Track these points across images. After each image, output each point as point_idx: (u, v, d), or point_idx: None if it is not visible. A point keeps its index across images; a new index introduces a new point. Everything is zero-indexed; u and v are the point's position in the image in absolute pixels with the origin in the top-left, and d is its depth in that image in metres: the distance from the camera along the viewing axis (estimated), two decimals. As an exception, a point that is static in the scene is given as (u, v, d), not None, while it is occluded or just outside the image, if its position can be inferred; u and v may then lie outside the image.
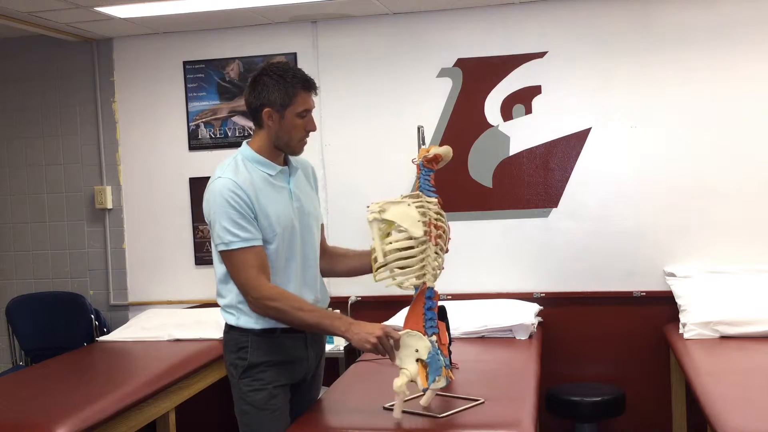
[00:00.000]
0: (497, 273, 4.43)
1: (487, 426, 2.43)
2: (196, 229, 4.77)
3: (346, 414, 2.69)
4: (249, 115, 2.59)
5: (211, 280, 2.65)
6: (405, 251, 2.41)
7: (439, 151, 2.50)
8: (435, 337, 2.43)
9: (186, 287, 4.76)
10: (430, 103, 4.47)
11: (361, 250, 2.78)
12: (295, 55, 4.61)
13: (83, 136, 4.92)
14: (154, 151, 4.84)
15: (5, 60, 5.01)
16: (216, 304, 2.69)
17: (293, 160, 2.65)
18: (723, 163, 4.18)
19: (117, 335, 4.38)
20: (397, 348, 2.41)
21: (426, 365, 2.39)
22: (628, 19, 4.26)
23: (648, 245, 4.27)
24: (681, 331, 3.82)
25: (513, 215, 4.42)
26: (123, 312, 4.88)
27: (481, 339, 3.84)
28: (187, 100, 4.77)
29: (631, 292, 4.30)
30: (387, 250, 2.40)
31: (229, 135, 4.71)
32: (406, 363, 2.40)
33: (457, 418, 2.48)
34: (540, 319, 4.18)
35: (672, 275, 4.18)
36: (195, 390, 3.76)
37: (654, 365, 4.27)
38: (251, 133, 2.68)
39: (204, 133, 4.76)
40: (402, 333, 2.42)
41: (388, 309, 4.07)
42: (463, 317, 3.89)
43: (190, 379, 3.70)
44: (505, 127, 4.42)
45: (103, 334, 4.60)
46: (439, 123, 4.47)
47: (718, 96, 4.17)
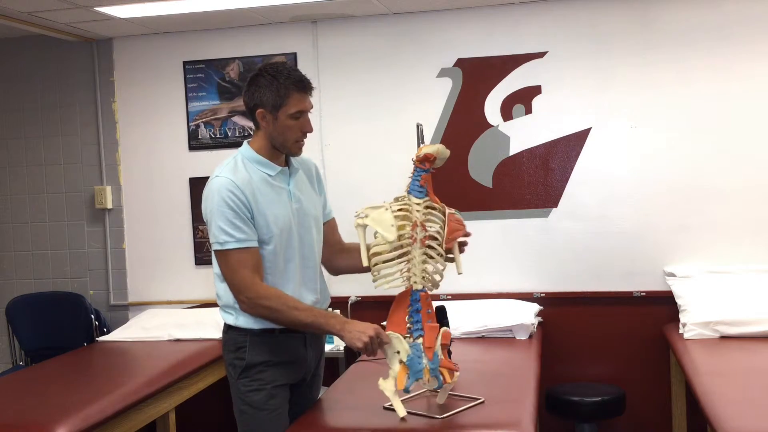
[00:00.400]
0: (497, 273, 4.43)
1: (487, 426, 2.43)
2: (196, 229, 4.77)
3: (346, 414, 2.69)
4: (248, 114, 2.58)
5: (211, 280, 2.65)
6: (385, 255, 2.46)
7: (430, 150, 2.47)
8: (420, 339, 2.43)
9: (186, 287, 4.76)
10: (430, 103, 4.47)
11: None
12: (295, 55, 4.61)
13: (83, 136, 4.92)
14: (154, 151, 4.84)
15: (5, 60, 5.01)
16: (216, 304, 2.69)
17: (294, 160, 2.63)
18: (723, 163, 4.18)
19: (117, 335, 4.38)
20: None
21: (407, 368, 2.41)
22: (628, 19, 4.26)
23: (648, 245, 4.27)
24: (681, 331, 3.82)
25: (513, 215, 4.43)
26: (123, 312, 4.87)
27: (481, 339, 3.84)
28: (187, 100, 4.77)
29: (631, 292, 4.30)
30: (370, 254, 2.45)
31: (229, 135, 4.71)
32: (391, 363, 2.44)
33: (457, 418, 2.48)
34: (540, 319, 4.18)
35: (672, 275, 4.17)
36: (195, 390, 3.77)
37: (654, 365, 4.27)
38: (251, 133, 2.67)
39: (204, 133, 4.76)
40: (383, 334, 2.45)
41: (387, 309, 4.06)
42: (463, 317, 3.90)
43: (190, 379, 3.70)
44: (505, 127, 4.42)
45: (103, 334, 4.60)
46: (439, 123, 4.47)
47: (718, 96, 4.17)
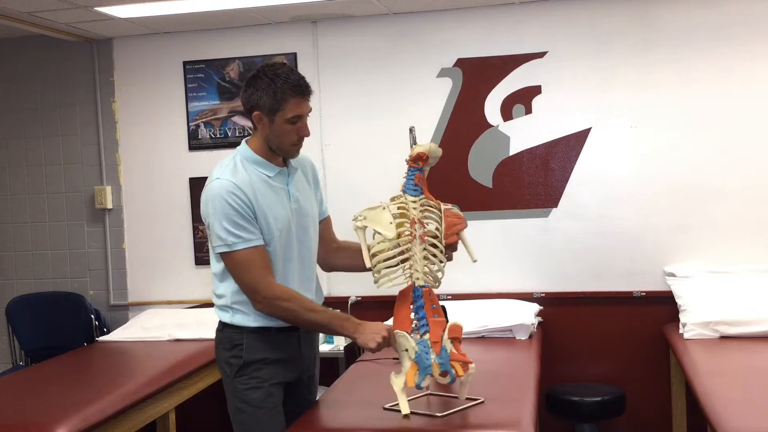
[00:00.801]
0: (497, 273, 4.43)
1: (487, 426, 2.43)
2: (196, 229, 4.77)
3: (346, 414, 2.69)
4: (245, 114, 2.56)
5: (211, 280, 2.64)
6: (386, 253, 2.48)
7: (422, 149, 2.50)
8: (427, 335, 2.44)
9: (186, 287, 4.76)
10: (430, 103, 4.47)
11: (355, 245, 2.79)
12: (295, 55, 4.61)
13: (83, 136, 4.92)
14: (154, 151, 4.84)
15: (5, 60, 5.01)
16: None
17: (292, 160, 2.62)
18: (723, 163, 4.18)
19: (117, 335, 4.38)
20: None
21: (416, 365, 2.42)
22: (628, 19, 4.26)
23: (648, 245, 4.27)
24: (681, 331, 3.82)
25: (513, 215, 4.42)
26: (123, 312, 4.87)
27: (481, 339, 3.84)
28: (187, 100, 4.77)
29: (631, 292, 4.30)
30: (371, 254, 2.47)
31: (229, 135, 4.71)
32: (403, 361, 2.45)
33: (457, 417, 2.48)
34: (540, 319, 4.18)
35: (672, 275, 4.17)
36: (195, 390, 3.76)
37: (654, 365, 4.26)
38: (251, 132, 2.67)
39: (204, 133, 4.76)
40: (391, 332, 2.47)
41: (388, 309, 4.03)
42: (463, 317, 3.87)
43: (190, 379, 3.70)
44: (505, 127, 4.42)
45: (103, 334, 4.60)
46: (439, 123, 4.47)
47: (718, 96, 4.17)
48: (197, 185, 4.63)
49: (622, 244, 4.29)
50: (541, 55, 4.36)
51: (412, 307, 2.49)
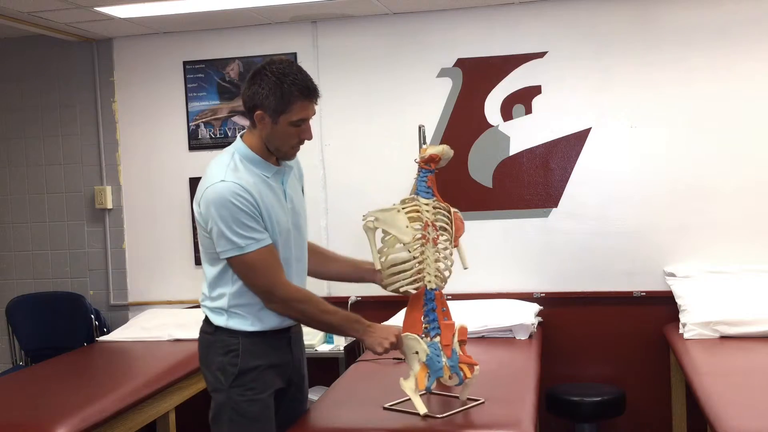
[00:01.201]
0: (497, 273, 4.43)
1: (487, 426, 2.43)
2: (196, 229, 4.76)
3: (346, 414, 2.68)
4: (245, 111, 2.45)
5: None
6: (399, 256, 2.47)
7: (435, 151, 2.51)
8: (438, 338, 2.45)
9: (186, 287, 4.75)
10: (430, 103, 4.47)
11: (351, 258, 2.77)
12: (295, 55, 4.60)
13: (83, 136, 4.92)
14: (154, 151, 4.84)
15: (5, 60, 5.01)
16: None
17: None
18: (723, 163, 4.18)
19: (117, 335, 4.38)
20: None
21: (427, 367, 2.42)
22: (628, 19, 4.26)
23: (648, 245, 4.27)
24: (681, 331, 3.82)
25: (513, 215, 4.42)
26: (123, 312, 4.87)
27: (481, 339, 3.83)
28: (187, 100, 4.77)
29: (631, 292, 4.30)
30: (384, 263, 2.46)
31: (229, 135, 4.71)
32: (411, 364, 2.45)
33: (457, 418, 2.48)
34: (540, 319, 4.18)
35: (672, 275, 4.17)
36: (195, 390, 3.76)
37: (654, 365, 4.26)
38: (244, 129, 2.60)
39: (204, 133, 4.76)
40: (402, 336, 2.46)
41: (388, 309, 4.07)
42: (463, 317, 3.88)
43: (190, 379, 3.70)
44: (505, 127, 4.42)
45: (103, 334, 4.60)
46: (439, 123, 4.47)
47: (718, 96, 4.17)
48: (197, 185, 4.62)
49: (622, 244, 4.29)
50: (541, 55, 4.36)
51: (423, 309, 2.48)
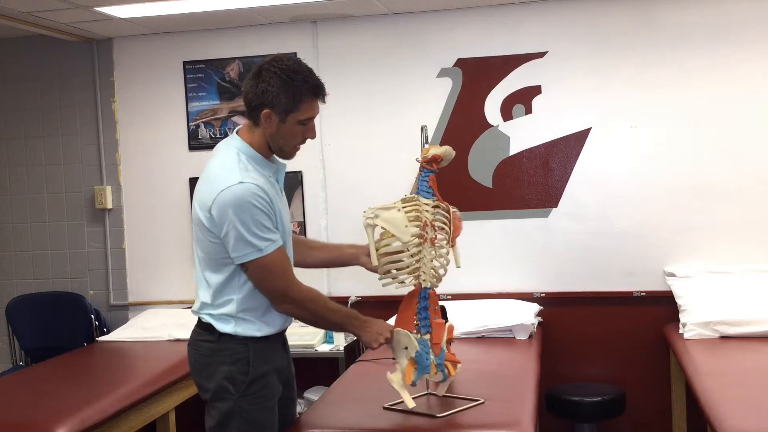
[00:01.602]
0: (497, 273, 4.43)
1: (487, 426, 2.43)
2: (196, 229, 4.76)
3: (346, 414, 2.69)
4: (246, 109, 2.40)
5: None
6: (396, 255, 2.50)
7: (438, 151, 2.54)
8: (428, 335, 2.49)
9: (186, 287, 4.75)
10: (430, 103, 4.47)
11: (329, 243, 2.82)
12: (295, 55, 4.58)
13: (83, 136, 4.92)
14: (154, 151, 4.84)
15: (5, 60, 5.01)
16: None
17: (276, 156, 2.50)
18: (723, 163, 4.18)
19: (117, 335, 4.38)
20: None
21: (415, 363, 2.45)
22: (628, 19, 4.25)
23: (648, 245, 4.27)
24: (681, 331, 3.82)
25: (513, 215, 4.42)
26: (123, 312, 4.87)
27: (481, 339, 3.84)
28: (187, 100, 4.77)
29: (631, 292, 4.30)
30: (380, 254, 2.48)
31: (229, 135, 4.70)
32: (399, 359, 2.49)
33: (457, 418, 2.48)
34: (540, 319, 4.18)
35: (672, 275, 4.17)
36: (195, 390, 3.74)
37: (654, 365, 4.26)
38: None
39: (204, 133, 4.76)
40: (394, 331, 2.49)
41: (388, 309, 4.05)
42: (463, 317, 3.89)
43: (190, 379, 3.68)
44: (505, 127, 4.42)
45: (103, 334, 4.60)
46: (439, 123, 4.47)
47: (718, 96, 4.17)
48: (197, 185, 4.62)
49: (622, 244, 4.29)
50: (541, 55, 4.36)
51: (416, 307, 2.51)
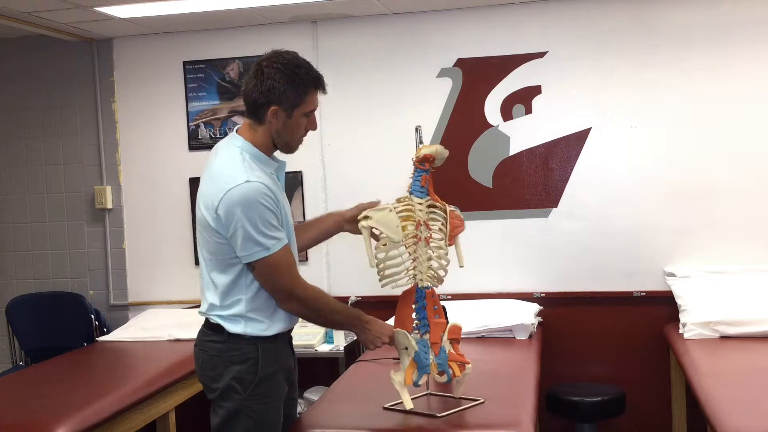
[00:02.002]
0: (497, 273, 4.43)
1: (487, 426, 2.43)
2: (195, 230, 4.75)
3: (346, 414, 2.69)
4: (249, 107, 2.41)
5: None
6: (390, 255, 2.50)
7: (429, 150, 2.54)
8: (427, 335, 2.49)
9: (186, 287, 4.75)
10: (430, 103, 4.47)
11: (311, 220, 2.82)
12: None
13: (83, 137, 4.92)
14: (154, 151, 4.84)
15: (5, 60, 5.01)
16: None
17: (277, 153, 2.51)
18: (723, 163, 4.18)
19: (117, 335, 4.38)
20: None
21: (415, 363, 2.47)
22: (628, 19, 4.25)
23: (648, 245, 4.27)
24: (681, 331, 3.82)
25: (513, 215, 4.42)
26: (123, 312, 4.87)
27: (481, 339, 3.84)
28: (187, 100, 4.77)
29: (631, 292, 4.30)
30: (375, 255, 2.48)
31: (229, 134, 4.70)
32: (402, 359, 2.50)
33: (457, 418, 2.48)
34: (540, 319, 4.18)
35: (672, 275, 4.17)
36: (195, 390, 3.76)
37: (654, 365, 4.26)
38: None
39: (204, 133, 4.76)
40: (394, 332, 2.50)
41: (389, 309, 4.05)
42: (463, 317, 3.88)
43: (190, 379, 3.69)
44: (505, 127, 4.42)
45: (103, 334, 4.60)
46: (439, 123, 4.47)
47: (718, 96, 4.17)
48: (197, 185, 4.61)
49: (622, 244, 4.29)
50: (541, 55, 4.36)
51: (414, 307, 2.52)
